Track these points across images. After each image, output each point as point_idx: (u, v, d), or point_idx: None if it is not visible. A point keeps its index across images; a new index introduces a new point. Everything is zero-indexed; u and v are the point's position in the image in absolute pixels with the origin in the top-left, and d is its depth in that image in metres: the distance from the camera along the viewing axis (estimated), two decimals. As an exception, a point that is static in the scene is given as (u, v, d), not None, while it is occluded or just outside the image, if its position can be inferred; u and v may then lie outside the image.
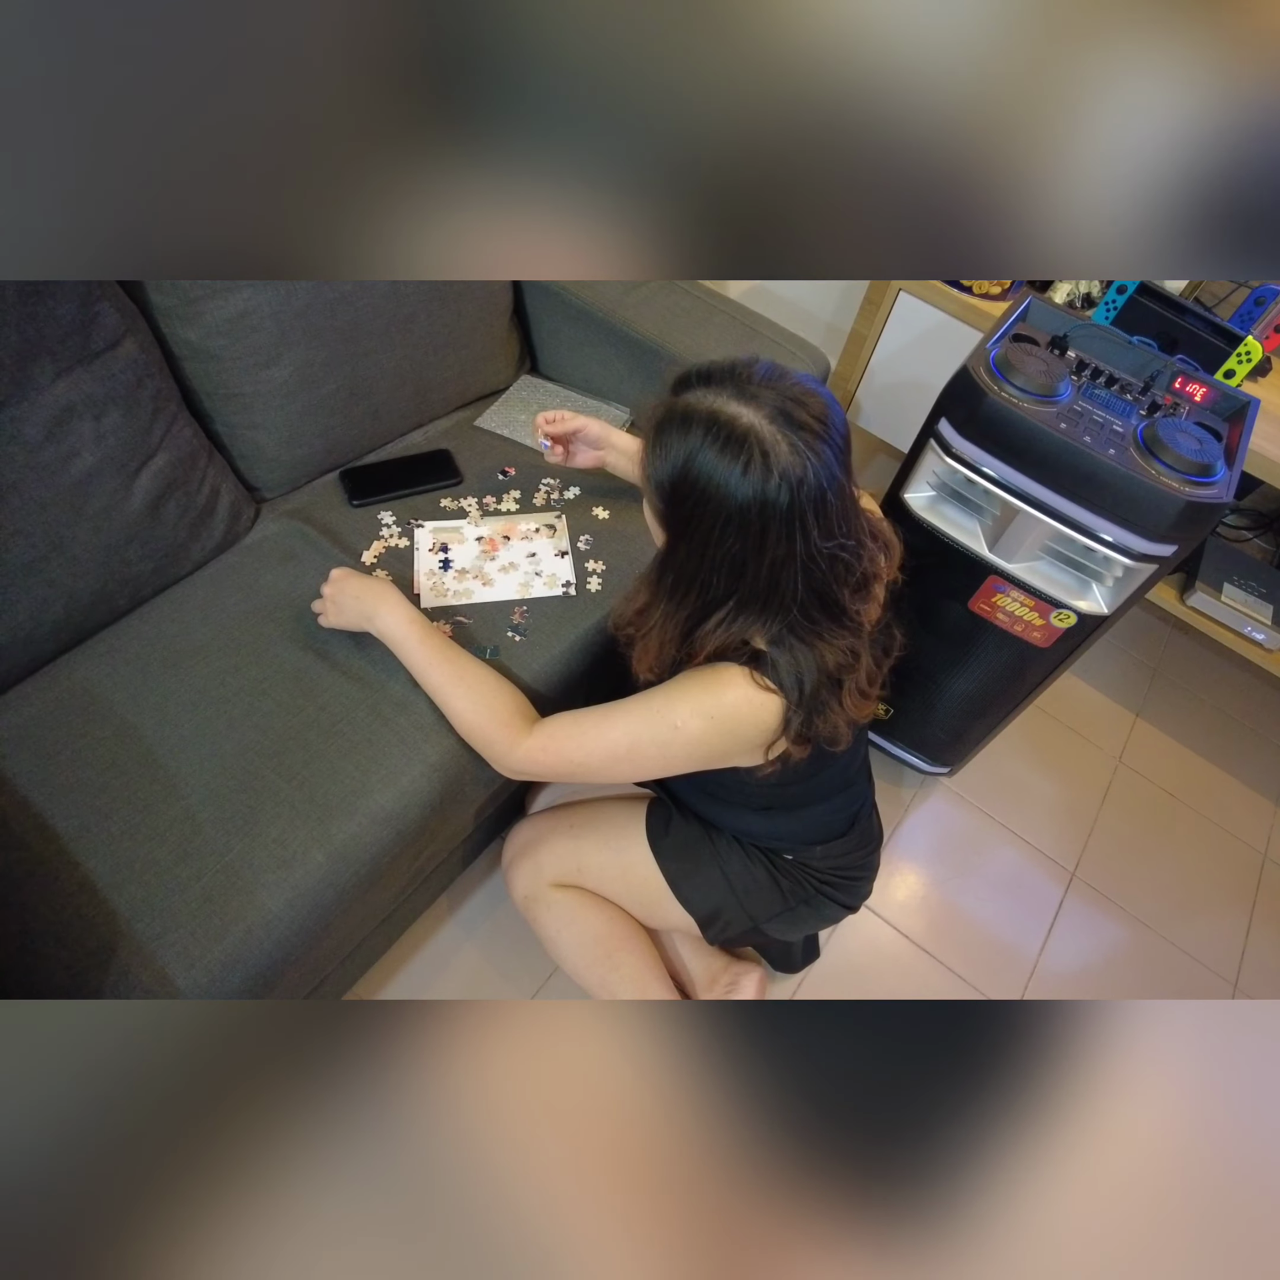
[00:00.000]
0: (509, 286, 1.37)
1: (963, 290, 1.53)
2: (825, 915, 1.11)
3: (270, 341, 1.09)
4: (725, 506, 0.70)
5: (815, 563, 0.74)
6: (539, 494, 1.25)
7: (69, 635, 1.01)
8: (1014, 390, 1.05)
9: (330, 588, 0.99)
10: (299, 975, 0.92)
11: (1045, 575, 1.15)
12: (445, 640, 0.96)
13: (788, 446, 0.69)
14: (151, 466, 1.02)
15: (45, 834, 0.87)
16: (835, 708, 0.82)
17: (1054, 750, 1.77)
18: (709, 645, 0.79)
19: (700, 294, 1.38)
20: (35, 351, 0.88)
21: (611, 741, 0.87)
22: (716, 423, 0.70)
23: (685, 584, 0.76)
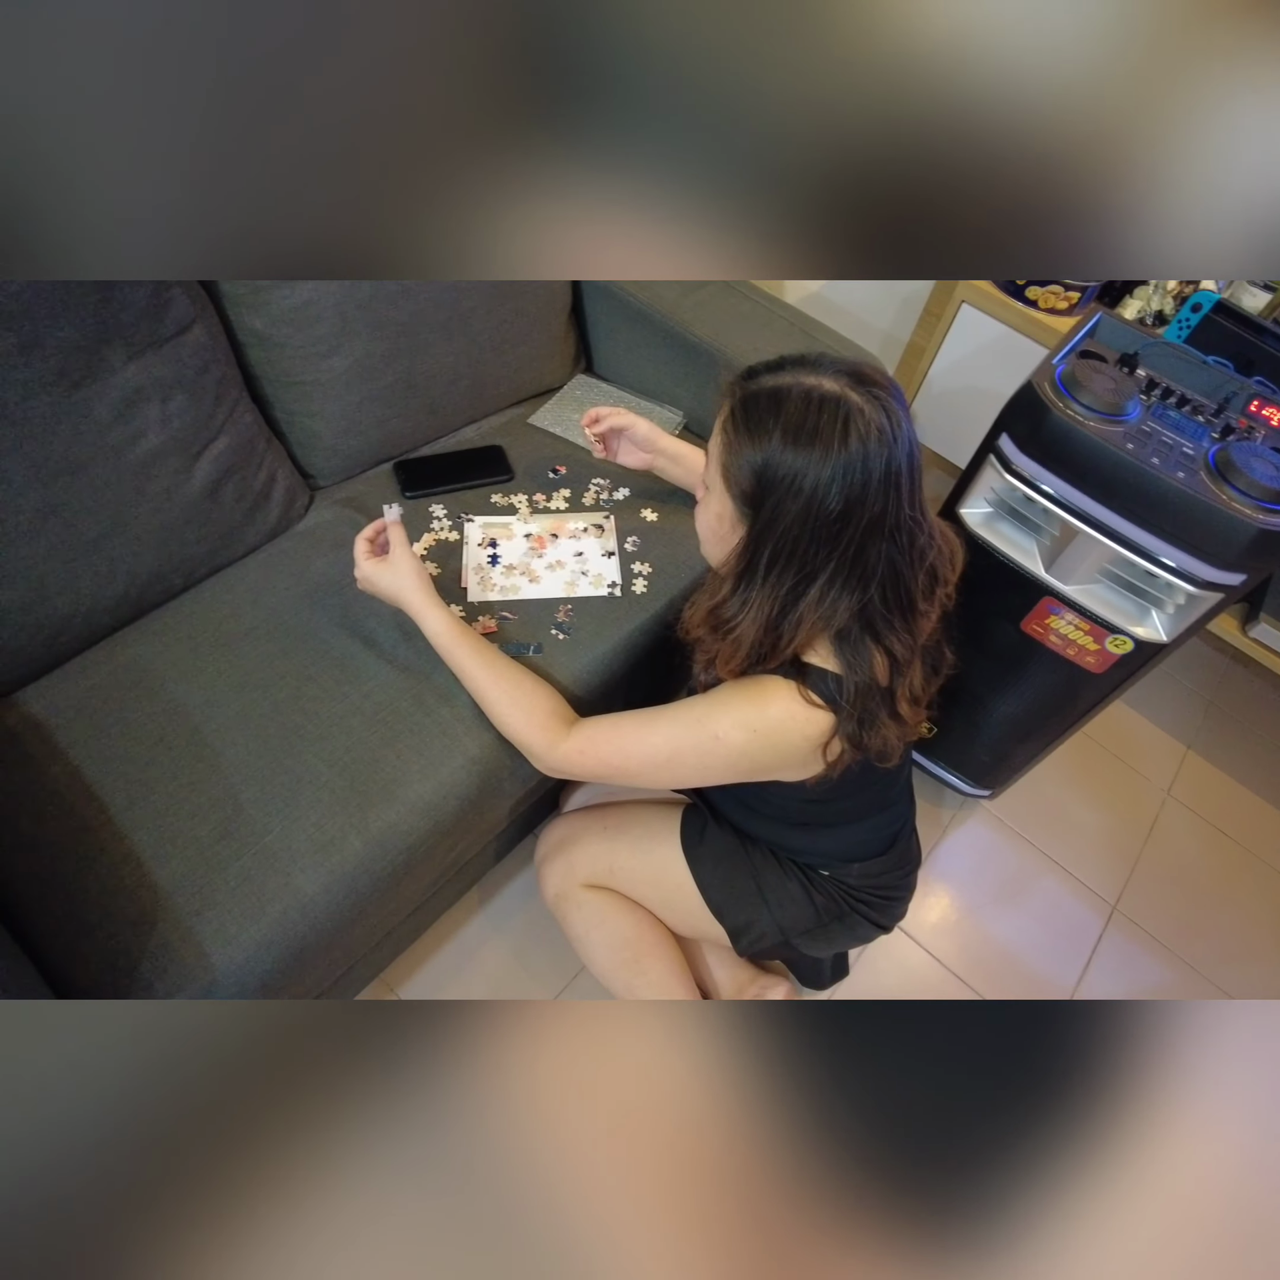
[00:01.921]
0: (568, 285, 1.38)
1: (1027, 304, 1.50)
2: (858, 934, 1.10)
3: (332, 332, 1.10)
4: (829, 469, 0.70)
5: (899, 532, 0.74)
6: (589, 493, 1.25)
7: (126, 611, 1.03)
8: (1080, 408, 1.02)
9: (360, 582, 0.98)
10: (330, 959, 0.93)
11: (1102, 599, 1.12)
12: (482, 641, 0.96)
13: (876, 406, 0.71)
14: (212, 450, 1.04)
15: (94, 804, 0.89)
16: (885, 720, 0.80)
17: (1100, 779, 1.72)
18: (800, 632, 0.77)
19: (760, 299, 1.37)
20: (110, 335, 0.90)
21: (651, 748, 0.86)
22: (806, 392, 0.71)
23: (784, 559, 0.75)
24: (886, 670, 0.80)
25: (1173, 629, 1.08)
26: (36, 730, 0.93)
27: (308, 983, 0.92)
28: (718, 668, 0.84)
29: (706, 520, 0.83)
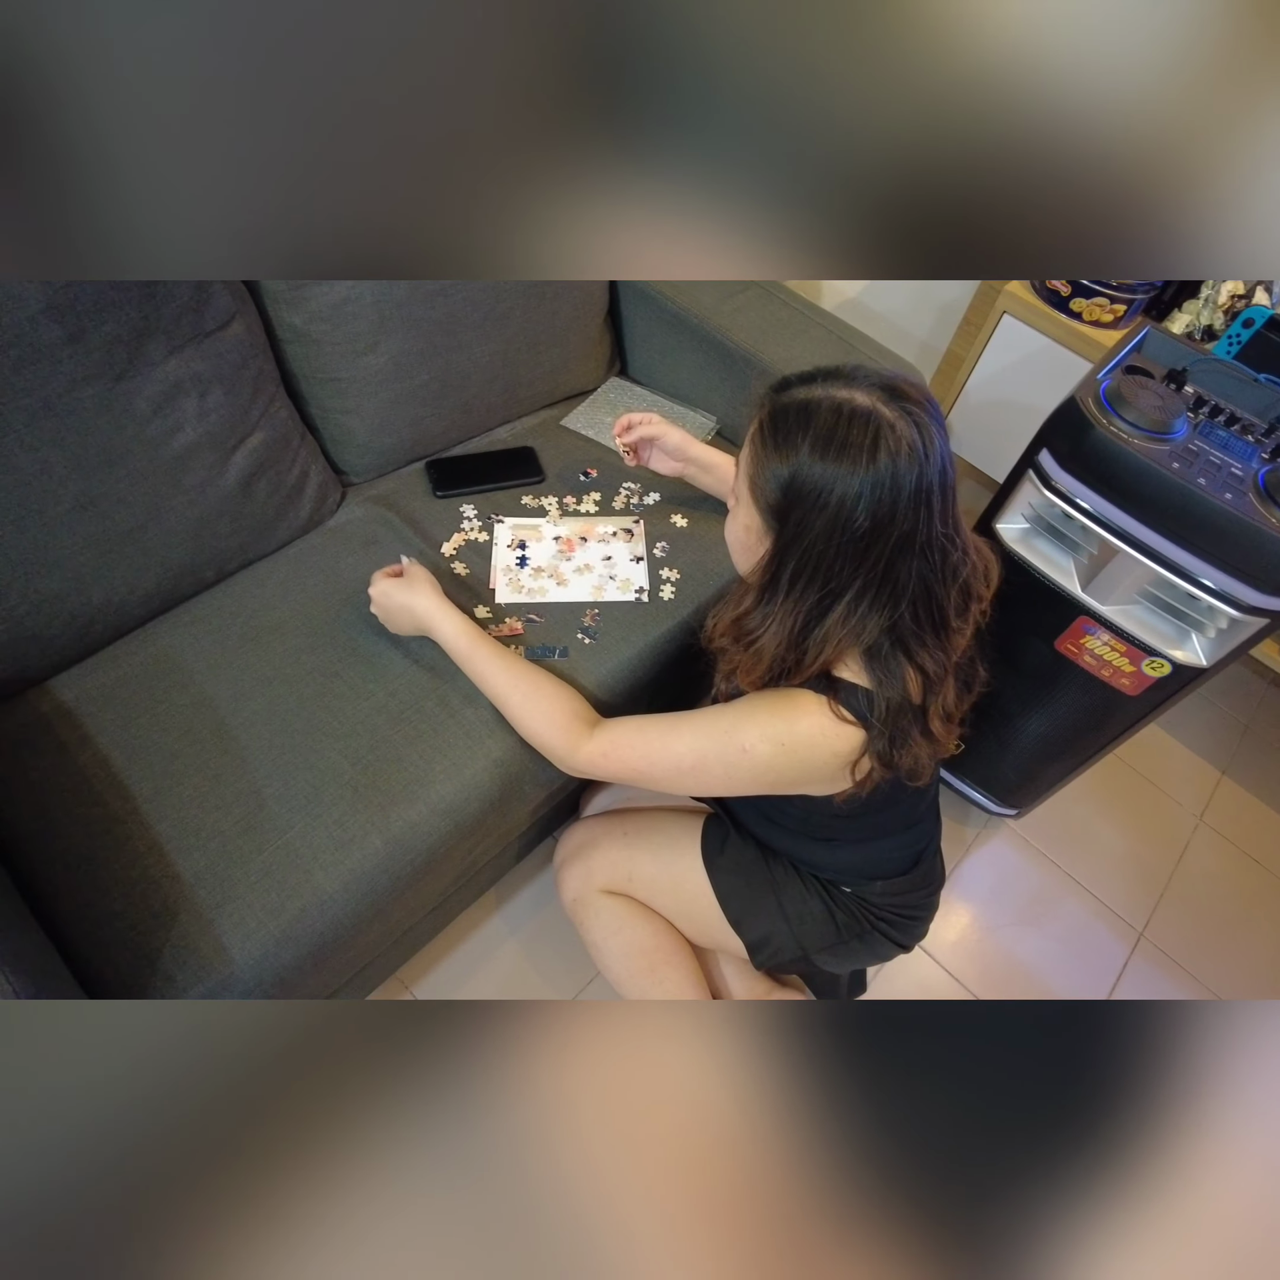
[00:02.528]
0: (606, 287, 1.37)
1: (1071, 315, 1.47)
2: (878, 952, 1.08)
3: (369, 329, 1.10)
4: (856, 485, 0.69)
5: (930, 550, 0.73)
6: (619, 497, 1.25)
7: (158, 602, 1.04)
8: (1124, 425, 1.00)
9: (375, 601, 0.98)
10: (348, 957, 0.93)
11: (1140, 620, 1.10)
12: (499, 647, 0.96)
13: (908, 422, 0.70)
14: (248, 444, 1.05)
15: (121, 793, 0.89)
16: (917, 738, 0.79)
17: (1129, 802, 1.69)
18: (826, 648, 0.76)
19: (798, 306, 1.36)
20: (152, 329, 0.91)
21: (676, 755, 0.85)
22: (836, 406, 0.70)
23: (808, 574, 0.74)
24: (919, 687, 0.79)
25: (1213, 654, 1.06)
26: (67, 718, 0.94)
27: (325, 979, 0.93)
28: (739, 678, 0.83)
29: (735, 531, 0.82)
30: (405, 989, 1.26)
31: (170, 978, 0.80)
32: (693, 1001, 1.10)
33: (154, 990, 0.79)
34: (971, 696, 0.88)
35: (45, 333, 0.83)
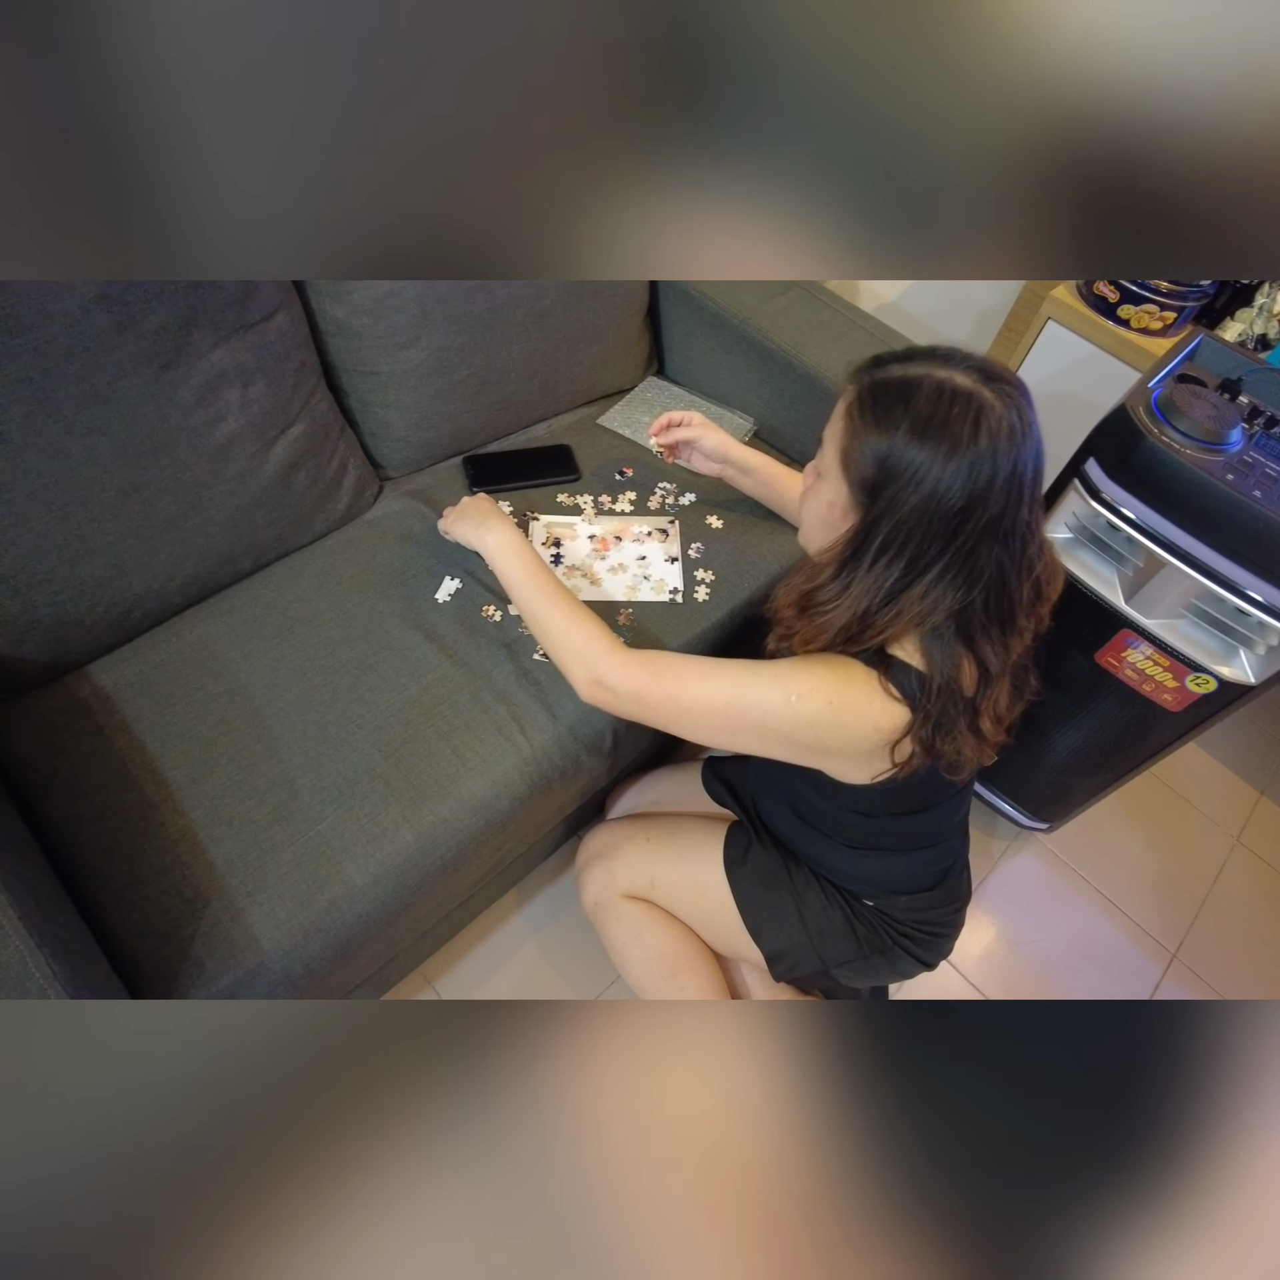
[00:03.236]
0: (646, 286, 1.36)
1: (1118, 323, 1.44)
2: (899, 969, 1.06)
3: (411, 323, 1.11)
4: (953, 464, 0.69)
5: (1012, 538, 0.73)
6: (654, 497, 1.24)
7: (195, 591, 1.05)
8: (1176, 435, 0.97)
9: (466, 499, 1.04)
10: (374, 950, 0.93)
11: (1186, 635, 1.07)
12: (547, 568, 0.96)
13: (1007, 404, 0.70)
14: (288, 436, 1.05)
15: (156, 779, 0.90)
16: (963, 730, 0.78)
17: (1164, 820, 1.65)
18: (895, 624, 0.75)
19: (840, 308, 1.35)
20: (199, 319, 0.91)
21: (714, 689, 0.82)
22: (938, 384, 0.70)
23: (894, 550, 0.73)
24: (974, 680, 0.78)
25: (1262, 671, 1.03)
26: (105, 703, 0.95)
27: (351, 971, 0.93)
28: (795, 645, 0.82)
29: (815, 507, 0.80)
30: (428, 984, 1.26)
31: (201, 964, 0.80)
32: (726, 1001, 1.09)
33: (185, 976, 0.79)
34: (1021, 704, 0.86)
35: (96, 321, 0.84)
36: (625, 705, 0.87)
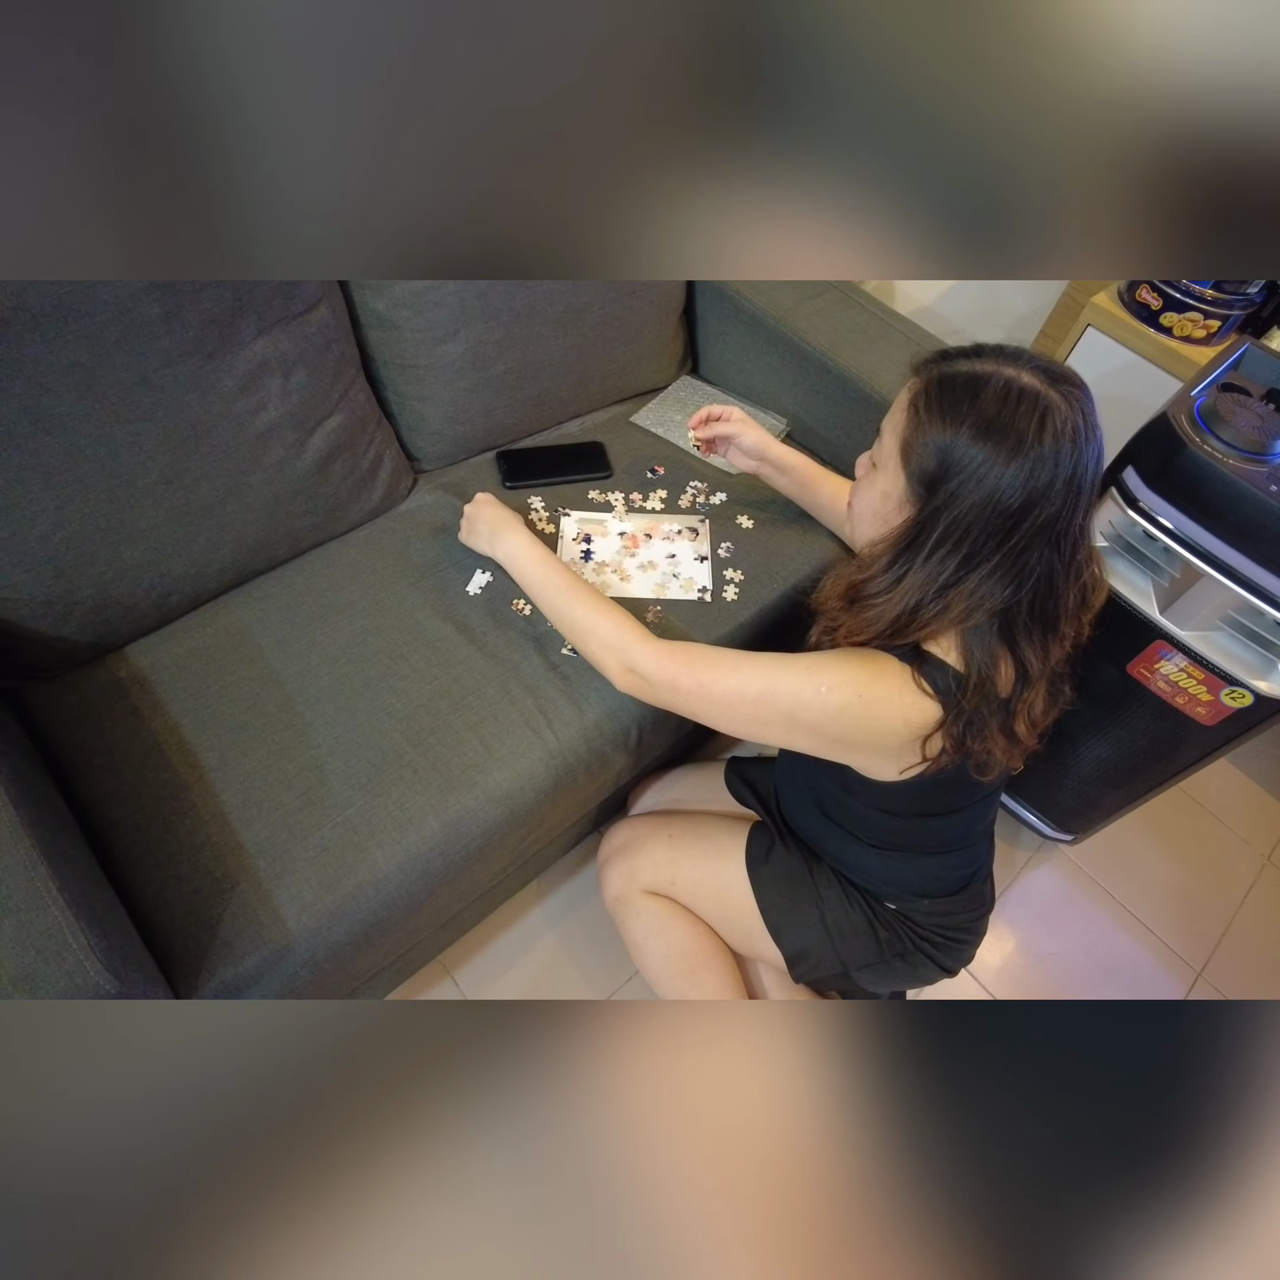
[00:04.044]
0: (683, 285, 1.37)
1: (1161, 330, 1.42)
2: (920, 975, 1.05)
3: (450, 318, 1.11)
4: (1016, 462, 0.69)
5: (1064, 541, 0.73)
6: (685, 496, 1.24)
7: (231, 577, 1.06)
8: (1219, 444, 0.96)
9: (470, 508, 1.08)
10: (396, 937, 0.94)
11: (1222, 648, 1.06)
12: (563, 564, 0.99)
13: (1072, 406, 0.70)
14: (326, 426, 1.06)
15: (189, 760, 0.92)
16: (995, 731, 0.77)
17: (1192, 837, 1.63)
18: (941, 619, 0.75)
19: (877, 310, 1.34)
20: (244, 309, 0.93)
21: (745, 679, 0.82)
22: (1005, 382, 0.70)
23: (950, 544, 0.73)
24: (1011, 681, 0.78)
25: (1300, 687, 1.01)
26: (142, 684, 0.97)
27: (373, 957, 0.94)
28: (839, 638, 0.82)
29: (869, 498, 0.80)
30: (447, 973, 1.27)
31: (229, 943, 0.81)
32: (758, 1001, 1.09)
33: (213, 954, 0.80)
34: (1055, 712, 0.85)
35: (145, 310, 0.85)
36: (659, 694, 0.88)
